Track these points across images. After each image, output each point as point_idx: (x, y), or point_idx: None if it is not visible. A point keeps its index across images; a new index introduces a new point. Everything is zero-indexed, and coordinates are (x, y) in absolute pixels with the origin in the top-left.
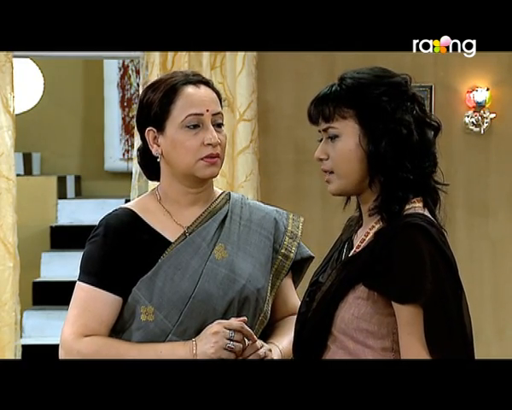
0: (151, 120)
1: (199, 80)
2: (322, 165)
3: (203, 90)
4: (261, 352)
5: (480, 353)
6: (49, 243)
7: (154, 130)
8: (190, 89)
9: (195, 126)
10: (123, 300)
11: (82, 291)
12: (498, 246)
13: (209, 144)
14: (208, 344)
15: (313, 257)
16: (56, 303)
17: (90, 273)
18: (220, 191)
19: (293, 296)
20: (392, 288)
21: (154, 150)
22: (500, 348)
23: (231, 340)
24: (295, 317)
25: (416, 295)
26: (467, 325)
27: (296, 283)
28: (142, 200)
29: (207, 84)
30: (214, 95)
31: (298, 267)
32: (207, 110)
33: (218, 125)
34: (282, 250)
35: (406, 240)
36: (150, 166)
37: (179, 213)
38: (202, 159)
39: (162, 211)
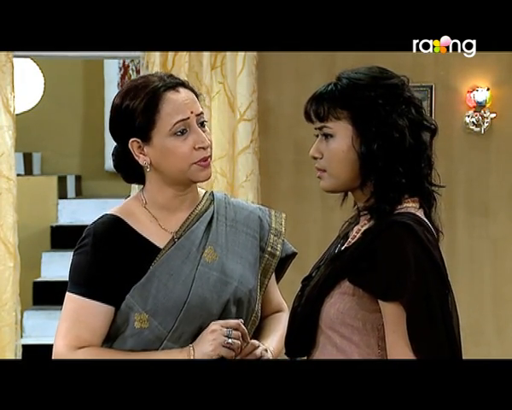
0: (135, 130)
1: (176, 83)
2: (315, 163)
3: (184, 94)
4: (258, 352)
5: (481, 353)
6: (49, 243)
7: (139, 140)
8: (172, 95)
9: (183, 132)
10: (115, 308)
11: (72, 302)
12: (498, 246)
13: (200, 148)
14: (207, 343)
15: (296, 253)
16: (57, 303)
17: (81, 284)
18: (203, 191)
19: (277, 293)
20: (375, 285)
21: (142, 160)
22: (500, 348)
23: (229, 337)
24: (280, 314)
25: (398, 292)
26: (454, 326)
27: (278, 279)
28: (127, 205)
29: (184, 85)
30: (193, 95)
31: (280, 264)
32: (192, 112)
33: (202, 124)
34: (268, 249)
35: (391, 238)
36: (127, 169)
37: (166, 218)
38: (195, 163)
39: (149, 217)
